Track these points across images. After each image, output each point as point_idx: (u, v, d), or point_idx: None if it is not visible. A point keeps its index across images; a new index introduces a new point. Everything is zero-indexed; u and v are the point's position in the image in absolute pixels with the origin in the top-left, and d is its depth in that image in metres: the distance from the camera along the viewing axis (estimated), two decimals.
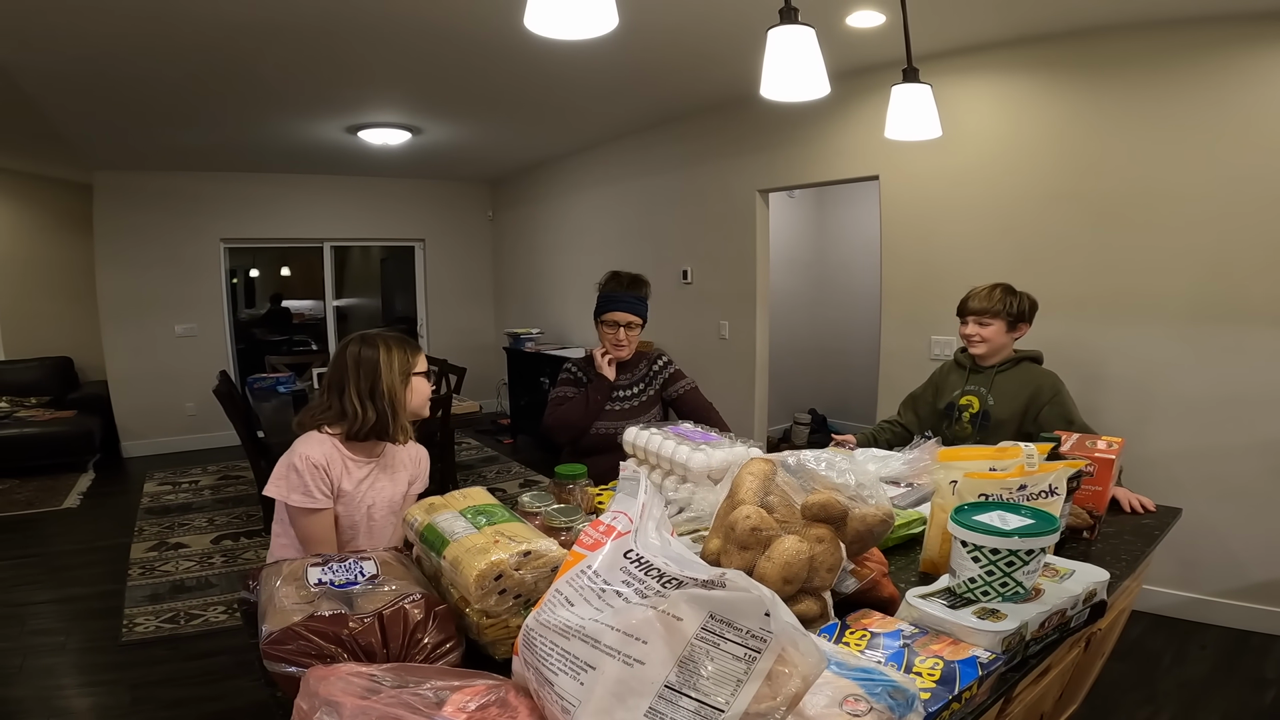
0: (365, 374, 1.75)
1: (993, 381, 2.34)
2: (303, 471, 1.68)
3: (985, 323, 2.32)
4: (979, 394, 2.36)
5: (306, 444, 1.74)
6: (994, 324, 2.32)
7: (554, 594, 0.85)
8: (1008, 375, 2.34)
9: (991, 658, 0.96)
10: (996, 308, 2.31)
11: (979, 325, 2.33)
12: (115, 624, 3.11)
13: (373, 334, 1.83)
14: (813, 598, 1.14)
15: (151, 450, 6.22)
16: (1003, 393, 2.31)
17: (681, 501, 1.58)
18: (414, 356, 1.84)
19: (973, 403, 2.37)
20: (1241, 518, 2.85)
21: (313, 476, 1.69)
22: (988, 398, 2.33)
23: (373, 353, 1.77)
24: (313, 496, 1.69)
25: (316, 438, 1.75)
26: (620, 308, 2.39)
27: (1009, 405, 2.29)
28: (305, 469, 1.69)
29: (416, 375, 1.83)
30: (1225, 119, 2.75)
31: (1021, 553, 1.04)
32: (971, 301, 2.35)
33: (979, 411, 2.34)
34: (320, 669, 0.92)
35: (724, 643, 0.68)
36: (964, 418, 2.38)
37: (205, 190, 6.29)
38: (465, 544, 1.15)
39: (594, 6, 1.09)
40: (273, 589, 1.18)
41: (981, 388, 2.36)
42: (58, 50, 3.17)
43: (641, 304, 2.43)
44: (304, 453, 1.71)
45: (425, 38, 3.20)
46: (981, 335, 2.33)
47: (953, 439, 2.36)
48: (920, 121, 2.00)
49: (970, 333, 2.35)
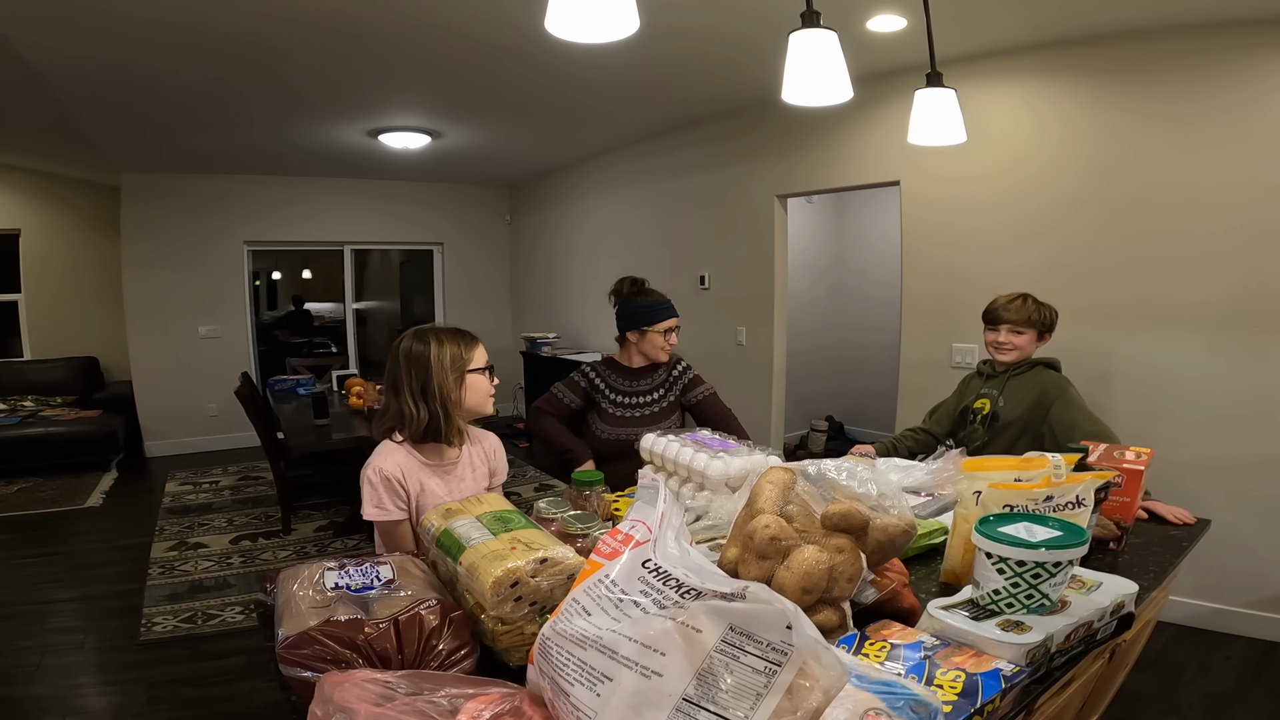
0: (417, 372, 1.68)
1: (1005, 384, 2.36)
2: (376, 484, 1.65)
3: (1020, 331, 2.34)
4: (991, 396, 2.39)
5: (380, 455, 1.69)
6: (1028, 333, 2.35)
7: (571, 603, 0.84)
8: (1020, 379, 2.35)
9: (1015, 670, 0.94)
10: (1034, 317, 2.34)
11: (1014, 334, 2.35)
12: (134, 623, 3.15)
13: (426, 328, 1.76)
14: (832, 608, 1.12)
15: (174, 450, 6.30)
16: (1013, 394, 2.33)
17: (699, 509, 1.56)
18: (469, 350, 1.74)
19: (984, 405, 2.39)
20: (1269, 529, 2.80)
21: (386, 488, 1.65)
22: (999, 399, 2.35)
23: (424, 348, 1.69)
24: (386, 509, 1.65)
25: (389, 447, 1.71)
26: (669, 314, 2.47)
27: (1018, 406, 2.30)
28: (379, 481, 1.65)
29: (472, 372, 1.74)
30: (1254, 124, 2.70)
31: (1049, 565, 1.01)
32: (1006, 311, 2.35)
33: (989, 413, 2.36)
34: (335, 675, 0.92)
35: (744, 655, 0.66)
36: (975, 420, 2.40)
37: (229, 193, 6.37)
38: (482, 550, 1.14)
39: (615, 9, 1.08)
40: (290, 592, 1.18)
41: (994, 390, 2.39)
42: (88, 56, 3.23)
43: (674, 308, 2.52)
44: (377, 465, 1.67)
45: (445, 42, 3.22)
46: (1015, 344, 2.35)
47: (964, 442, 2.38)
48: (944, 126, 1.98)
49: (1004, 340, 2.36)
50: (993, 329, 2.40)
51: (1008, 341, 2.35)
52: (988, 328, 2.42)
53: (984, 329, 2.44)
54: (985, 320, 2.43)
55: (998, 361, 2.41)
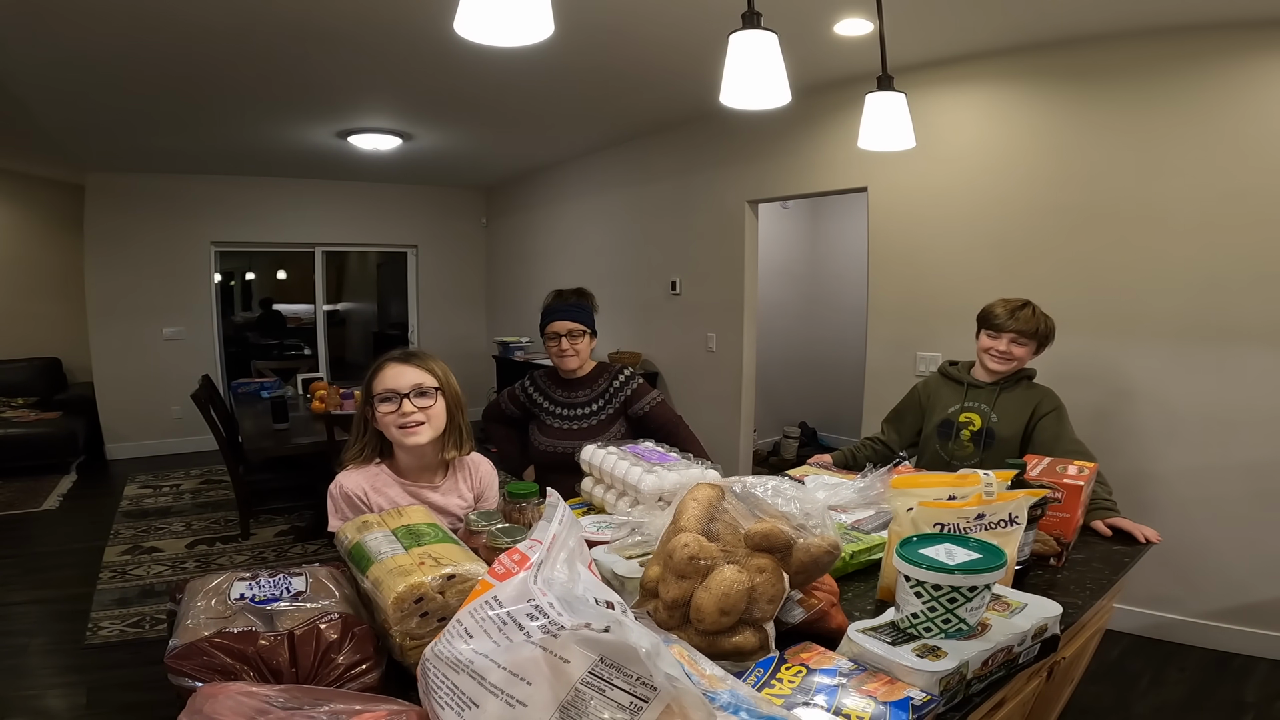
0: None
1: (996, 399, 2.25)
2: (336, 498, 1.60)
3: (1023, 343, 2.21)
4: (981, 411, 2.26)
5: (344, 472, 1.64)
6: (1029, 344, 2.22)
7: (454, 625, 0.81)
8: (1012, 393, 2.25)
9: (926, 699, 0.90)
10: (1040, 329, 2.21)
11: (1015, 344, 2.21)
12: (80, 627, 3.09)
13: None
14: (752, 629, 1.08)
15: (136, 453, 6.18)
16: (1006, 410, 2.23)
17: (634, 524, 1.52)
18: (375, 375, 1.63)
19: (973, 420, 2.27)
20: (1226, 539, 2.80)
21: (346, 503, 1.59)
22: (991, 415, 2.24)
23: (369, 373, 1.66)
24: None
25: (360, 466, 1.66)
26: (557, 317, 2.35)
27: (1013, 423, 2.21)
28: (339, 495, 1.60)
29: (377, 399, 1.60)
30: (1216, 131, 2.71)
31: (964, 589, 0.98)
32: (1012, 320, 2.20)
33: (982, 429, 2.25)
34: (211, 687, 0.87)
35: (610, 689, 0.63)
36: (964, 435, 2.28)
37: (196, 193, 6.27)
38: (388, 565, 1.10)
39: (528, 13, 1.04)
40: (192, 602, 1.14)
41: (984, 405, 2.27)
42: (45, 55, 3.16)
43: (581, 311, 2.37)
44: (339, 480, 1.61)
45: (410, 43, 3.16)
46: (1015, 354, 2.21)
47: (950, 457, 2.29)
48: (894, 131, 1.95)
49: (1004, 350, 2.21)
50: (993, 335, 2.24)
51: (1008, 351, 2.20)
52: (986, 333, 2.26)
53: (980, 333, 2.29)
54: (983, 325, 2.27)
55: (988, 370, 2.28)
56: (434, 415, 1.62)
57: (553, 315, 2.35)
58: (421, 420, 1.60)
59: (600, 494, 1.70)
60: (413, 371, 1.62)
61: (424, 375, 1.63)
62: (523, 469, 2.48)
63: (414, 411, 1.59)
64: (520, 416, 2.47)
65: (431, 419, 1.62)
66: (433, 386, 1.63)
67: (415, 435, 1.60)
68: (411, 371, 1.62)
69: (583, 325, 2.35)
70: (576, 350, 2.34)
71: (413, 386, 1.60)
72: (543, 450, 2.36)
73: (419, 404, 1.60)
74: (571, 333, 2.32)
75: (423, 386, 1.61)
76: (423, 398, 1.60)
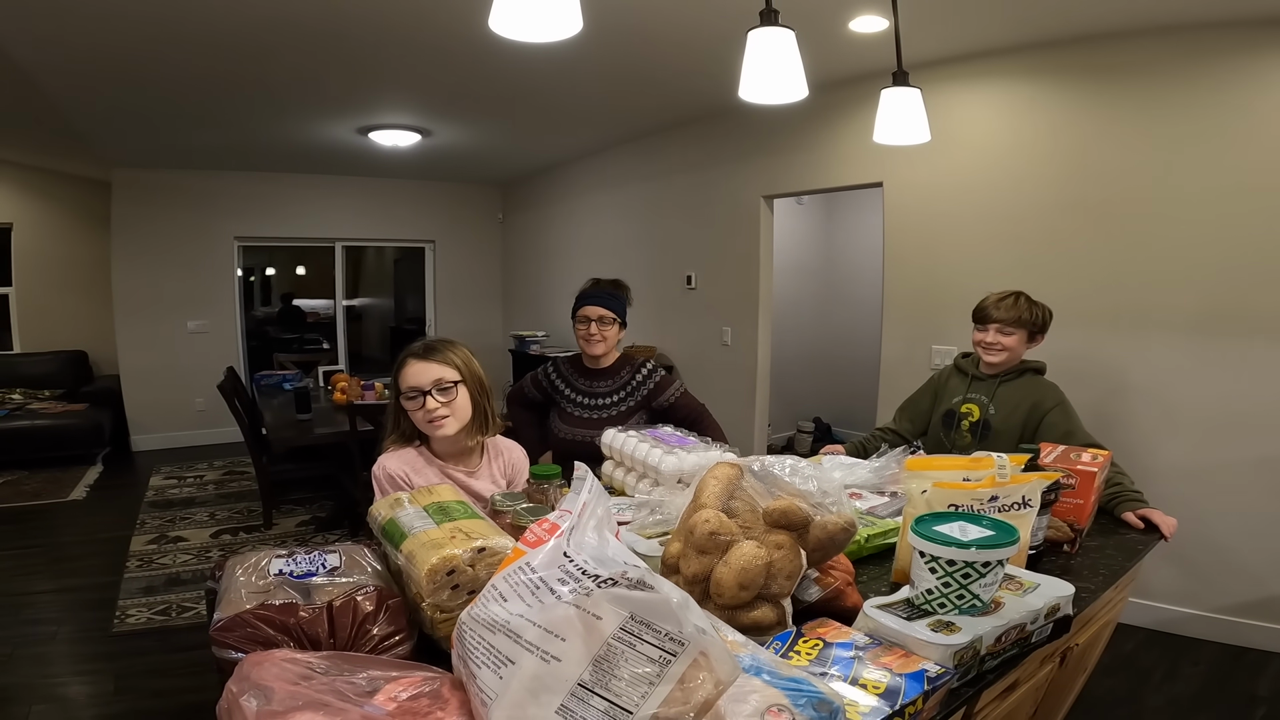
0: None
1: (995, 391, 2.28)
2: (380, 479, 1.66)
3: (1009, 332, 2.23)
4: (980, 402, 2.30)
5: (388, 454, 1.71)
6: (1017, 334, 2.24)
7: (490, 589, 0.85)
8: (1011, 385, 2.27)
9: (940, 672, 0.94)
10: (1024, 317, 2.23)
11: (1001, 334, 2.24)
12: (108, 615, 3.15)
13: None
14: (770, 604, 1.12)
15: (160, 445, 6.29)
16: (1005, 402, 2.25)
17: (654, 504, 1.56)
18: (399, 372, 1.69)
19: (973, 411, 2.30)
20: (1242, 534, 2.80)
21: (389, 484, 1.65)
22: (989, 407, 2.27)
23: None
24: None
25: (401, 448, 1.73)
26: (591, 302, 2.40)
27: (1010, 415, 2.23)
28: (382, 477, 1.66)
29: (403, 395, 1.68)
30: (1231, 128, 2.71)
31: (978, 564, 1.02)
32: (996, 310, 2.24)
33: (979, 420, 2.28)
34: (257, 655, 0.92)
35: (640, 644, 0.67)
36: (963, 426, 2.31)
37: (220, 188, 6.37)
38: (421, 539, 1.15)
39: (558, 10, 1.08)
40: (233, 578, 1.19)
41: (983, 396, 2.30)
42: (74, 50, 3.23)
43: (614, 300, 2.42)
44: (381, 462, 1.68)
45: (431, 40, 3.21)
46: (1003, 344, 2.24)
47: (952, 447, 2.31)
48: (910, 126, 1.98)
49: (991, 340, 2.25)
50: (981, 328, 2.29)
51: (995, 342, 2.24)
52: (976, 326, 2.31)
53: (973, 328, 2.34)
54: (974, 319, 2.32)
55: (985, 363, 2.32)
56: (458, 407, 1.68)
57: (587, 300, 2.41)
58: (446, 414, 1.66)
59: (620, 477, 1.74)
60: (433, 367, 1.67)
61: (444, 370, 1.67)
62: (540, 455, 2.53)
63: (438, 407, 1.65)
64: (541, 401, 2.52)
65: (455, 411, 1.67)
66: (453, 380, 1.67)
67: (442, 428, 1.66)
68: (432, 368, 1.67)
69: (614, 313, 2.40)
70: (605, 336, 2.38)
71: (434, 383, 1.65)
72: (562, 438, 2.40)
73: (441, 399, 1.65)
74: (603, 319, 2.38)
75: (443, 382, 1.66)
76: (444, 392, 1.66)
